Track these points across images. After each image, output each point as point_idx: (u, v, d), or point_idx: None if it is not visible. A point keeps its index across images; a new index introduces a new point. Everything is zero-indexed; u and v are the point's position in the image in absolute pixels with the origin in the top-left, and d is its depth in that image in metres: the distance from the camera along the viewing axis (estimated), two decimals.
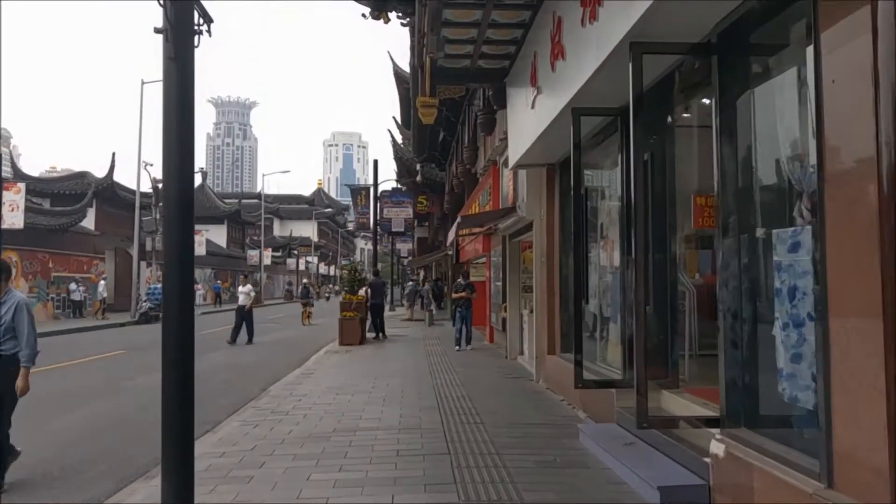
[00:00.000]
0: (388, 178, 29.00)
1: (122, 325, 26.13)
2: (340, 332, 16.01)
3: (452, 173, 19.99)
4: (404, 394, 8.81)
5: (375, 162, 19.89)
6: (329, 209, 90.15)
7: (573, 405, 7.69)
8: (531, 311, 11.89)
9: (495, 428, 6.56)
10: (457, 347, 13.96)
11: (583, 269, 6.10)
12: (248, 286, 18.33)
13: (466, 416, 7.23)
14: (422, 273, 50.76)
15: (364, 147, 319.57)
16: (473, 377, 10.29)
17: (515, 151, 9.15)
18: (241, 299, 17.79)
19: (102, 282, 29.25)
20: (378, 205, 19.95)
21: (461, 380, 9.95)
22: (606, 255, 7.35)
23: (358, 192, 24.72)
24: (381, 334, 17.66)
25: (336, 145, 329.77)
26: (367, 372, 11.10)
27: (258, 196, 60.45)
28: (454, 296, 13.97)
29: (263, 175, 54.16)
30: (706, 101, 5.14)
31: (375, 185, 19.34)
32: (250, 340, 17.39)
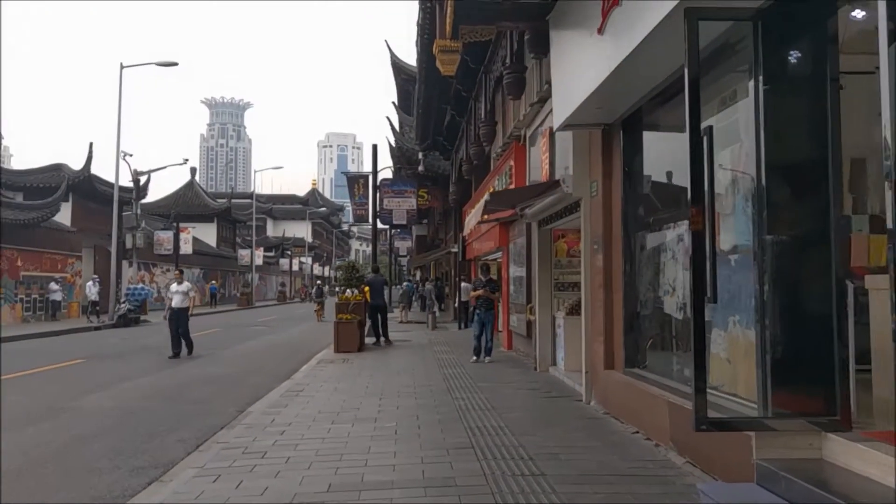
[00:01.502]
0: (388, 166, 26.86)
1: (98, 328, 23.97)
2: (336, 337, 13.91)
3: (462, 158, 17.91)
4: (422, 423, 6.72)
5: (374, 147, 17.77)
6: (323, 209, 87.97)
7: (657, 442, 5.63)
8: (569, 313, 9.83)
9: (566, 484, 4.48)
10: (474, 358, 11.72)
11: (703, 252, 4.06)
12: (186, 283, 14.61)
13: (516, 460, 5.14)
14: (418, 273, 48.59)
15: (358, 148, 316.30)
16: (504, 397, 8.20)
17: (564, 108, 7.09)
18: (176, 300, 13.88)
19: (91, 282, 27.13)
20: (378, 194, 17.83)
21: (490, 401, 7.87)
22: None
23: (355, 180, 22.45)
24: (382, 339, 15.56)
25: (330, 146, 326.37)
26: (371, 388, 9.01)
27: (250, 196, 58.29)
28: (473, 294, 11.74)
29: (255, 171, 52.03)
30: None
31: (375, 171, 17.24)
32: (189, 351, 14.05)
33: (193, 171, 52.09)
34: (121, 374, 11.70)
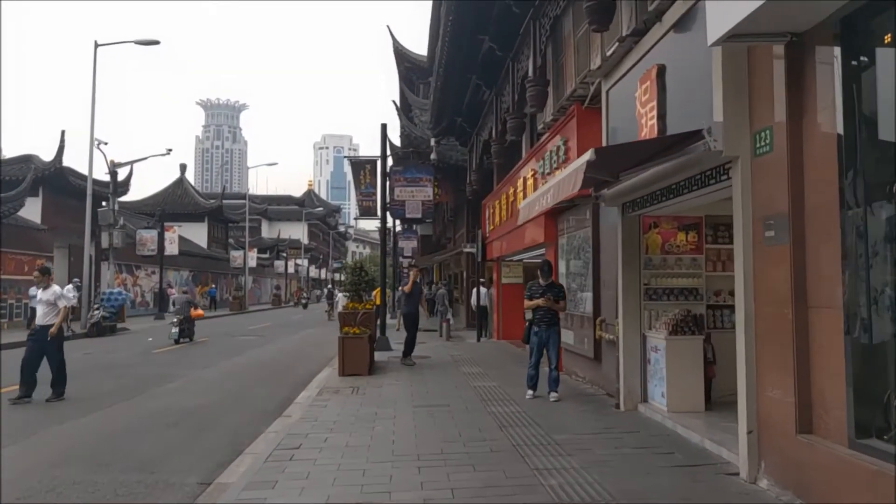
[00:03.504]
0: (391, 154, 24.03)
1: (66, 338, 21.02)
2: (341, 356, 11.05)
3: (485, 140, 15.10)
4: None
5: (384, 126, 14.86)
6: (320, 209, 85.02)
7: None
8: (672, 332, 7.03)
9: None
10: (530, 393, 8.53)
11: None
12: (55, 289, 9.57)
13: None
14: (416, 276, 45.20)
15: (355, 150, 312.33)
16: (610, 466, 5.35)
17: (732, 7, 4.28)
18: (40, 313, 9.50)
19: (70, 285, 24.26)
20: (388, 183, 14.98)
21: (593, 475, 5.02)
22: None
23: (361, 165, 19.34)
24: (406, 357, 12.64)
25: (326, 148, 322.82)
26: (400, 445, 6.15)
27: (244, 196, 55.30)
28: (529, 304, 8.65)
29: (249, 168, 49.22)
30: None
31: (384, 155, 14.40)
32: (55, 393, 9.43)
33: (183, 167, 49.19)
34: (60, 408, 8.89)
